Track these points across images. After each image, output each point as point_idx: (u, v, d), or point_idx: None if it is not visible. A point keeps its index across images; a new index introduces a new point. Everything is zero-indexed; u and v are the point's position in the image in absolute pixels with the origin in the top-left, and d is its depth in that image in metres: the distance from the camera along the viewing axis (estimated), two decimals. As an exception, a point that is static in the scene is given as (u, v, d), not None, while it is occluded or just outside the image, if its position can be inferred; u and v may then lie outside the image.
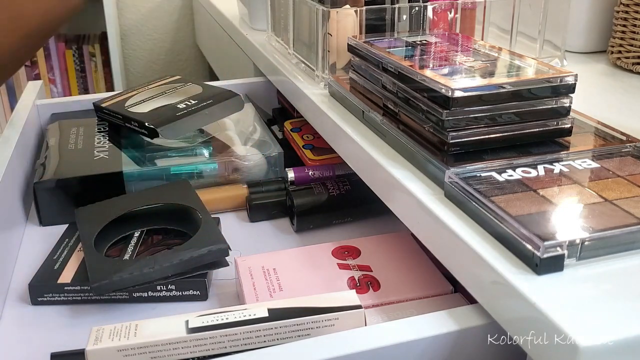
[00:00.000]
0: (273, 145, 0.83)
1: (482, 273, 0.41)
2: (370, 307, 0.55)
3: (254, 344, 0.46)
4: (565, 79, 0.51)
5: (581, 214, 0.42)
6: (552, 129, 0.53)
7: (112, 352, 0.44)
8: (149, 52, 2.26)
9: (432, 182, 0.51)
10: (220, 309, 0.48)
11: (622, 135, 0.54)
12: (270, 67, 0.91)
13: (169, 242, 0.64)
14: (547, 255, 0.38)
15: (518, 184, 0.46)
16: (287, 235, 0.73)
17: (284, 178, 0.79)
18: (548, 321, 0.35)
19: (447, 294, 0.56)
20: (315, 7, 0.72)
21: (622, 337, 0.33)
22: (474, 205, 0.44)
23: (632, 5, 0.82)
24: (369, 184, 0.59)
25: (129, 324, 0.46)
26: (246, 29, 1.10)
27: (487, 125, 0.51)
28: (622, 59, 0.84)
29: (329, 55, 0.72)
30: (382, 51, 0.61)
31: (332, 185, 0.75)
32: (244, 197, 0.77)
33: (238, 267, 0.60)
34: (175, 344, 0.45)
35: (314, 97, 0.72)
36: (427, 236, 0.49)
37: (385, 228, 0.72)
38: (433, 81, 0.51)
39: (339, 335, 0.43)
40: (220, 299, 0.61)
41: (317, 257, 0.62)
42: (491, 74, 0.54)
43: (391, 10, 0.72)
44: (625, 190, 0.45)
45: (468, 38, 0.68)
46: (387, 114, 0.60)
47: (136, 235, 0.65)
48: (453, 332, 0.43)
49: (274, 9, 0.92)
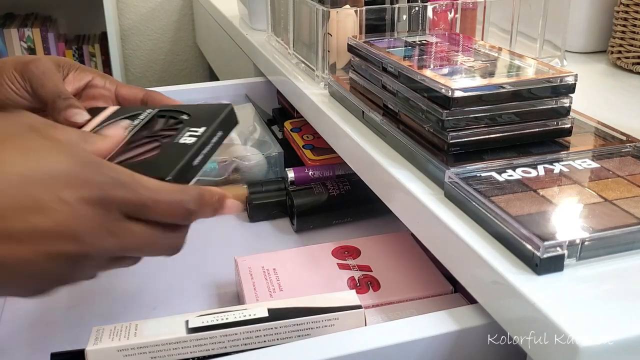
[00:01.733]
0: (273, 145, 0.83)
1: (482, 273, 0.41)
2: (370, 307, 0.55)
3: (254, 344, 0.46)
4: (565, 79, 0.51)
5: (581, 214, 0.42)
6: (552, 129, 0.53)
7: (112, 352, 0.44)
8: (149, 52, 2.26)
9: (432, 182, 0.51)
10: (220, 309, 0.48)
11: (622, 135, 0.54)
12: (270, 67, 0.91)
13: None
14: (547, 255, 0.38)
15: (518, 184, 0.46)
16: (287, 235, 0.73)
17: (284, 178, 0.79)
18: (548, 321, 0.35)
19: (447, 294, 0.56)
20: (315, 7, 0.72)
21: (622, 337, 0.33)
22: (474, 205, 0.44)
23: (632, 5, 0.82)
24: (369, 184, 0.59)
25: (129, 324, 0.46)
26: (246, 29, 1.10)
27: (487, 125, 0.51)
28: (622, 59, 0.84)
29: (329, 55, 0.72)
30: (382, 51, 0.61)
31: (332, 185, 0.75)
32: (244, 197, 0.77)
33: (238, 267, 0.60)
34: (175, 344, 0.45)
35: (314, 97, 0.72)
36: (427, 236, 0.49)
37: (385, 228, 0.72)
38: (433, 81, 0.51)
39: (339, 335, 0.43)
40: (220, 299, 0.61)
41: (317, 257, 0.62)
42: (491, 74, 0.54)
43: (391, 10, 0.72)
44: (625, 190, 0.45)
45: (468, 38, 0.68)
46: (387, 114, 0.60)
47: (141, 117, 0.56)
48: (453, 332, 0.43)
49: (274, 9, 0.92)
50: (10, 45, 1.96)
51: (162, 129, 0.52)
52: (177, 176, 0.44)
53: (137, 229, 0.40)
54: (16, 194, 0.36)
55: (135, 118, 0.54)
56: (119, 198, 0.39)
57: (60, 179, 0.37)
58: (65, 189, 0.37)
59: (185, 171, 0.45)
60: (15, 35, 1.95)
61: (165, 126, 0.52)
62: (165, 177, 0.43)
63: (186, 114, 0.53)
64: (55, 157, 0.38)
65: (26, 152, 0.37)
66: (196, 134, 0.48)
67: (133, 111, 0.55)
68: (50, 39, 1.98)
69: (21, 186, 0.36)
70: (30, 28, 1.96)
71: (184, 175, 0.45)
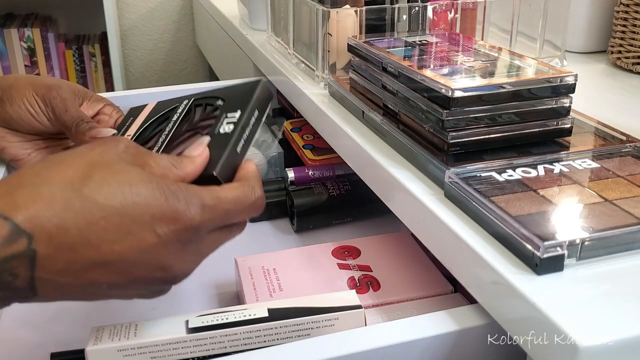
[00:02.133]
0: (273, 145, 0.83)
1: (482, 273, 0.41)
2: (370, 307, 0.55)
3: (254, 344, 0.46)
4: (565, 79, 0.51)
5: (581, 214, 0.42)
6: (552, 129, 0.53)
7: (112, 352, 0.44)
8: (149, 52, 2.26)
9: (432, 182, 0.51)
10: (220, 309, 0.48)
11: (622, 135, 0.54)
12: (270, 67, 0.91)
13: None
14: (547, 255, 0.38)
15: (518, 184, 0.46)
16: (287, 235, 0.73)
17: (284, 178, 0.79)
18: (548, 321, 0.35)
19: (447, 294, 0.56)
20: (315, 7, 0.72)
21: (622, 337, 0.33)
22: (474, 205, 0.44)
23: (632, 5, 0.82)
24: (369, 184, 0.59)
25: (129, 324, 0.46)
26: (246, 29, 1.10)
27: (487, 125, 0.51)
28: (622, 59, 0.84)
29: (329, 55, 0.72)
30: (382, 51, 0.61)
31: (332, 185, 0.75)
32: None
33: (238, 267, 0.60)
34: (175, 344, 0.45)
35: (314, 97, 0.72)
36: (427, 236, 0.49)
37: (385, 228, 0.72)
38: (433, 81, 0.51)
39: (339, 335, 0.43)
40: (220, 299, 0.61)
41: (317, 257, 0.62)
42: (491, 74, 0.54)
43: (391, 10, 0.72)
44: (625, 190, 0.45)
45: (468, 38, 0.68)
46: (387, 114, 0.60)
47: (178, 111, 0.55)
48: (453, 332, 0.43)
49: (274, 9, 0.92)
50: (10, 45, 1.96)
51: (200, 119, 0.52)
52: (222, 170, 0.45)
53: (219, 236, 0.44)
54: (112, 229, 0.38)
55: (174, 112, 0.55)
56: (207, 222, 0.41)
57: (154, 212, 0.39)
58: (158, 222, 0.39)
59: (232, 160, 0.46)
60: (15, 35, 1.95)
61: (203, 116, 0.52)
62: (211, 172, 0.45)
63: (220, 99, 0.53)
64: (147, 190, 0.39)
65: (122, 185, 0.39)
66: (233, 120, 0.49)
67: (171, 104, 0.56)
68: (50, 39, 1.98)
69: (116, 220, 0.38)
70: (30, 28, 1.96)
71: (231, 164, 0.46)
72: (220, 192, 0.42)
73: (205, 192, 0.42)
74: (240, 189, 0.44)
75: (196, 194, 0.41)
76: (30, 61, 1.98)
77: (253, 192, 0.44)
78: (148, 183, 0.40)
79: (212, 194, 0.42)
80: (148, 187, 0.39)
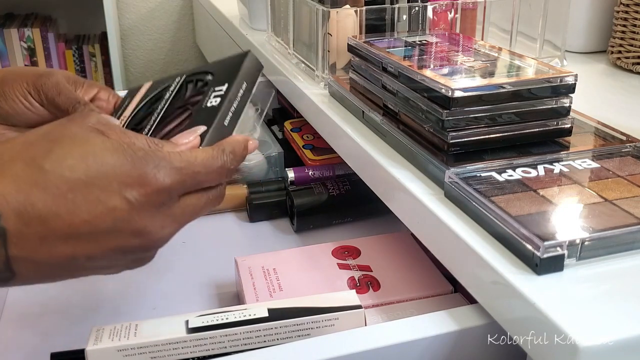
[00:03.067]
0: (273, 145, 0.83)
1: (482, 273, 0.41)
2: (370, 307, 0.55)
3: (254, 344, 0.46)
4: (565, 79, 0.51)
5: (581, 214, 0.42)
6: (552, 129, 0.53)
7: (112, 352, 0.44)
8: (149, 52, 2.26)
9: (432, 182, 0.51)
10: (220, 309, 0.48)
11: (622, 135, 0.54)
12: (270, 67, 0.91)
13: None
14: (547, 255, 0.38)
15: (518, 184, 0.46)
16: (287, 235, 0.73)
17: (284, 178, 0.79)
18: (548, 321, 0.35)
19: (447, 294, 0.56)
20: (315, 7, 0.72)
21: (622, 337, 0.33)
22: (474, 205, 0.44)
23: (632, 5, 0.82)
24: (369, 184, 0.59)
25: (129, 324, 0.46)
26: (246, 29, 1.10)
27: (487, 125, 0.51)
28: (622, 59, 0.84)
29: (329, 55, 0.72)
30: (382, 51, 0.61)
31: (332, 185, 0.75)
32: (244, 197, 0.77)
33: (238, 267, 0.60)
34: (175, 344, 0.45)
35: (314, 97, 0.72)
36: (427, 236, 0.49)
37: (385, 228, 0.72)
38: (433, 81, 0.51)
39: (339, 335, 0.43)
40: (220, 299, 0.61)
41: (317, 257, 0.62)
42: (491, 74, 0.54)
43: (391, 10, 0.72)
44: (625, 190, 0.45)
45: (468, 38, 0.68)
46: (387, 114, 0.60)
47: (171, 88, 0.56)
48: (453, 332, 0.43)
49: (274, 9, 0.92)
50: (10, 45, 1.96)
51: (191, 95, 0.52)
52: (209, 144, 0.45)
53: (193, 201, 0.44)
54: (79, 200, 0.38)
55: (167, 90, 0.55)
56: (177, 184, 0.41)
57: (121, 179, 0.39)
58: (126, 188, 0.39)
59: (219, 134, 0.46)
60: (15, 35, 1.95)
61: (194, 91, 0.52)
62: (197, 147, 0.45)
63: (210, 73, 0.53)
64: (113, 157, 0.39)
65: (85, 156, 0.39)
66: (220, 93, 0.48)
67: (166, 82, 0.56)
68: (50, 39, 1.98)
69: (83, 191, 0.38)
70: (30, 28, 1.96)
71: (218, 138, 0.46)
72: (189, 156, 0.43)
73: (174, 155, 0.42)
74: (209, 152, 0.44)
75: (164, 158, 0.41)
76: (30, 61, 1.98)
77: (223, 155, 0.45)
78: (113, 151, 0.40)
79: (181, 157, 0.42)
80: (113, 155, 0.39)
